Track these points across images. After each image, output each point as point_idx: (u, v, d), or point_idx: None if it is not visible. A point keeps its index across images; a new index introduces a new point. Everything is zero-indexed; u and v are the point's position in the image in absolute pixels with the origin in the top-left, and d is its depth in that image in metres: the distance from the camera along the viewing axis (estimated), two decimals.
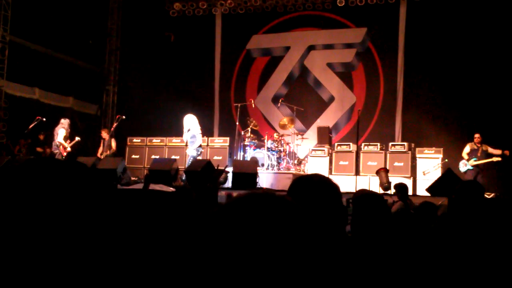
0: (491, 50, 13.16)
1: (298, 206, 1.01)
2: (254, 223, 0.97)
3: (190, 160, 12.09)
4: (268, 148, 13.35)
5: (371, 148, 12.95)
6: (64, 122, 12.64)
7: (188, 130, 12.19)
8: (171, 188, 9.22)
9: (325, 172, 12.70)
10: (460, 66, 13.51)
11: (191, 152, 12.20)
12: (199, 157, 12.43)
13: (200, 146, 12.46)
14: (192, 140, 12.18)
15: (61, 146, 12.46)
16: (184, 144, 12.67)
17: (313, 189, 1.97)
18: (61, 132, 12.48)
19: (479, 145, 11.96)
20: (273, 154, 13.35)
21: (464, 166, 12.00)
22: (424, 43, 14.08)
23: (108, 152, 13.36)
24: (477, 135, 12.06)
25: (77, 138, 12.90)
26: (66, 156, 12.30)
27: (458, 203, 3.36)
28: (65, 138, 12.55)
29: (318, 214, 1.87)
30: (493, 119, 12.92)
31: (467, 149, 12.09)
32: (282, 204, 1.00)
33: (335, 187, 2.00)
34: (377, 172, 11.50)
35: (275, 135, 13.75)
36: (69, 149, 12.51)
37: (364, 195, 2.68)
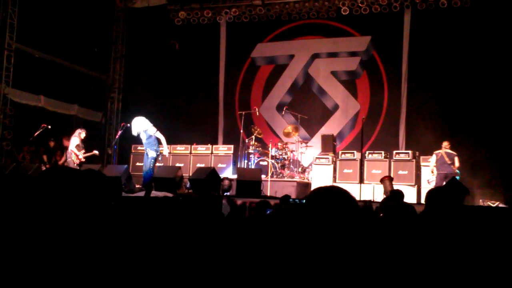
0: (495, 58, 13.15)
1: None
2: None
3: (152, 163, 11.35)
4: (272, 156, 13.36)
5: (375, 156, 12.93)
6: (78, 132, 12.51)
7: (146, 130, 11.38)
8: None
9: (329, 180, 12.70)
10: (464, 75, 13.50)
11: (152, 154, 11.38)
12: (159, 160, 11.85)
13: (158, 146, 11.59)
14: (149, 141, 11.40)
15: (73, 154, 12.35)
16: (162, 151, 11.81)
17: (330, 200, 2.01)
18: (73, 140, 12.37)
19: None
20: (277, 162, 13.36)
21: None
22: (428, 51, 14.09)
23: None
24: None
25: (95, 152, 12.80)
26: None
27: (428, 211, 3.39)
28: (78, 147, 12.40)
29: (335, 223, 1.92)
30: (497, 127, 12.90)
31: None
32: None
33: (352, 199, 2.04)
34: (381, 181, 11.46)
35: (279, 143, 13.77)
36: (82, 158, 12.39)
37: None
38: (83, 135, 12.50)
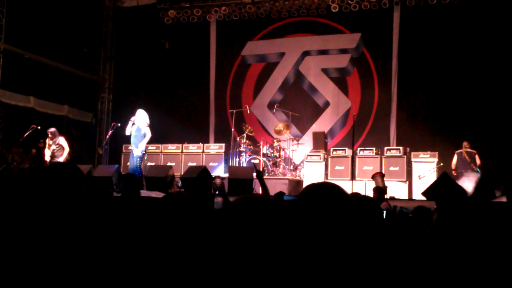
0: (484, 54, 13.22)
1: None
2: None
3: (138, 161, 11.16)
4: (263, 154, 13.36)
5: (366, 153, 12.97)
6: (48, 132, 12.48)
7: (139, 124, 11.25)
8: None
9: (321, 177, 12.71)
10: (454, 71, 13.57)
11: (137, 153, 11.17)
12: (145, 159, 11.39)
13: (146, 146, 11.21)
14: (136, 135, 11.16)
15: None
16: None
17: (323, 195, 2.02)
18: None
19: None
20: (269, 160, 13.36)
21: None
22: (418, 48, 14.14)
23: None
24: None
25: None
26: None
27: (441, 208, 3.40)
28: (49, 147, 12.34)
29: (328, 218, 1.93)
30: (486, 123, 12.97)
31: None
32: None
33: (345, 194, 2.06)
34: (373, 177, 11.47)
35: (274, 142, 13.76)
36: (47, 158, 12.30)
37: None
38: (49, 135, 12.42)
